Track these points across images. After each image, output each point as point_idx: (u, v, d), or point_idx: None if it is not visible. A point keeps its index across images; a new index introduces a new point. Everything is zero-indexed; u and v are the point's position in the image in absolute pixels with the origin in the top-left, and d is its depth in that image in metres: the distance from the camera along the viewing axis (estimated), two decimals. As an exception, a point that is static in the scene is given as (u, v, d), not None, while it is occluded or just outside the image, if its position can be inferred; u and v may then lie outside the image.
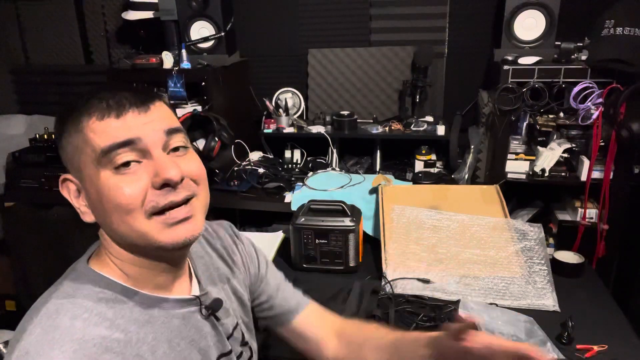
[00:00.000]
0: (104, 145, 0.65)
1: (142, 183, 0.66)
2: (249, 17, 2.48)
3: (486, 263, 1.55)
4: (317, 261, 1.65)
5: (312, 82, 2.47)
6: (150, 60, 2.19)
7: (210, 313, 0.80)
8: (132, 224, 0.67)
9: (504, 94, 1.89)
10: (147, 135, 0.67)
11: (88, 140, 0.67)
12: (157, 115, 0.70)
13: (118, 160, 0.66)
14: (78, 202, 0.72)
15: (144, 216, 0.67)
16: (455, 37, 2.34)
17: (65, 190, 0.73)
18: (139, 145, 0.67)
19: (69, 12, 2.69)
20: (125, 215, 0.67)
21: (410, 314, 1.39)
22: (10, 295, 2.58)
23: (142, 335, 0.70)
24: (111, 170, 0.66)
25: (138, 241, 0.69)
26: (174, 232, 0.69)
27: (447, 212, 1.69)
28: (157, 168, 0.67)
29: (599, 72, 1.80)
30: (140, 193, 0.66)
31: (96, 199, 0.68)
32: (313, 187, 2.08)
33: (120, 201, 0.66)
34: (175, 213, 0.68)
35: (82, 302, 0.68)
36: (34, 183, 2.35)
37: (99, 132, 0.66)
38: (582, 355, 1.22)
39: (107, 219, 0.69)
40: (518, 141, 1.98)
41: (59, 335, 0.63)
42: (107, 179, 0.66)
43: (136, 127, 0.67)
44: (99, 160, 0.66)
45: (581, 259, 1.61)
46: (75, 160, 0.69)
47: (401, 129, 2.24)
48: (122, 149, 0.66)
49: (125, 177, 0.66)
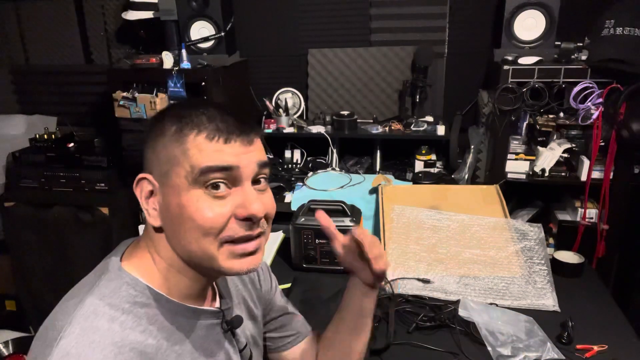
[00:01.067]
0: (204, 165, 0.67)
1: (226, 210, 0.68)
2: (249, 17, 2.48)
3: (486, 263, 1.55)
4: (317, 261, 1.65)
5: (312, 82, 2.47)
6: (150, 60, 2.19)
7: (230, 328, 0.81)
8: (205, 246, 0.69)
9: (504, 94, 1.89)
10: (245, 165, 0.69)
11: (190, 155, 0.67)
12: (257, 147, 0.72)
13: (211, 181, 0.67)
14: (148, 204, 0.72)
15: (217, 242, 0.69)
16: (455, 37, 2.34)
17: (138, 188, 0.72)
18: (236, 173, 0.69)
19: (69, 12, 2.69)
20: (202, 236, 0.68)
21: (410, 314, 1.39)
22: (10, 295, 2.58)
23: (172, 343, 0.71)
24: (202, 189, 0.67)
25: (202, 261, 0.71)
26: (239, 262, 0.71)
27: (447, 212, 1.69)
28: (245, 200, 0.69)
29: (599, 72, 1.80)
30: (223, 219, 0.68)
31: (176, 211, 0.68)
32: (313, 187, 2.08)
33: (202, 223, 0.67)
34: (246, 246, 0.71)
35: (119, 305, 0.68)
36: (34, 183, 2.35)
37: (204, 151, 0.67)
38: (582, 355, 1.22)
39: (180, 232, 0.69)
40: (518, 141, 1.98)
41: (98, 338, 0.64)
42: (196, 198, 0.67)
43: (238, 155, 0.69)
44: (195, 178, 0.67)
45: (581, 259, 1.61)
46: (165, 167, 0.69)
47: (401, 129, 2.24)
48: (219, 172, 0.67)
49: (214, 201, 0.68)
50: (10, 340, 2.25)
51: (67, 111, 2.82)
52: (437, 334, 1.32)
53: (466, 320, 1.29)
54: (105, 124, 2.56)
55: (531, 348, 1.20)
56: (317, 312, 1.39)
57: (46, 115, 2.78)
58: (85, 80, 2.78)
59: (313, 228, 1.62)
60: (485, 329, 1.24)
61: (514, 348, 1.19)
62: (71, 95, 2.82)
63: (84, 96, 2.80)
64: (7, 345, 2.24)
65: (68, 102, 2.82)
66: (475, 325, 1.25)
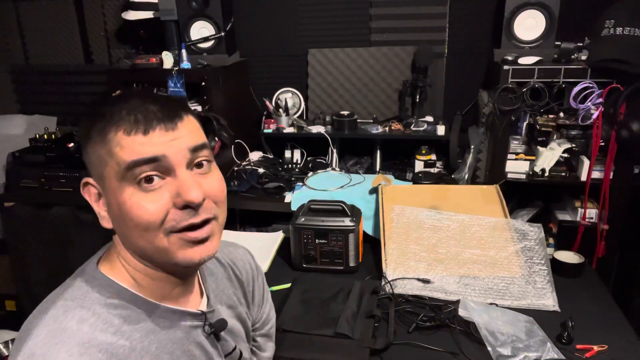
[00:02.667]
0: (129, 160, 0.65)
1: (163, 201, 0.67)
2: (249, 17, 2.48)
3: (486, 263, 1.55)
4: (317, 261, 1.65)
5: (312, 82, 2.47)
6: (150, 60, 2.19)
7: (213, 332, 0.80)
8: (151, 240, 0.68)
9: (504, 94, 1.89)
10: (172, 153, 0.67)
11: (113, 154, 0.66)
12: (184, 131, 0.69)
13: (141, 176, 0.66)
14: (98, 207, 0.72)
15: (163, 234, 0.67)
16: (455, 37, 2.34)
17: (86, 193, 0.73)
18: (163, 162, 0.66)
19: (69, 12, 2.69)
20: (144, 232, 0.67)
21: (410, 314, 1.39)
22: (10, 295, 2.58)
23: (147, 344, 0.70)
24: (134, 186, 0.66)
25: (155, 256, 0.70)
26: (191, 251, 0.69)
27: (447, 212, 1.69)
28: (180, 188, 0.67)
29: (599, 72, 1.80)
30: (161, 212, 0.66)
31: (117, 211, 0.68)
32: (313, 187, 2.08)
33: (141, 219, 0.66)
34: (194, 234, 0.69)
35: (90, 306, 0.68)
36: (34, 183, 2.35)
37: (125, 147, 0.66)
38: (582, 355, 1.22)
39: (126, 231, 0.69)
40: (518, 141, 1.98)
41: (66, 338, 0.64)
42: (129, 196, 0.66)
43: (162, 144, 0.66)
44: (123, 175, 0.66)
45: (581, 259, 1.61)
46: (98, 169, 0.69)
47: (401, 129, 2.24)
48: (146, 165, 0.66)
49: (147, 195, 0.66)
50: (10, 340, 2.25)
51: (67, 111, 2.82)
52: (437, 334, 1.32)
53: (466, 320, 1.29)
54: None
55: (531, 348, 1.20)
56: (317, 312, 1.39)
57: (46, 115, 2.79)
58: (85, 80, 2.78)
59: (313, 228, 1.62)
60: (485, 329, 1.24)
61: (514, 348, 1.19)
62: (71, 95, 2.82)
63: (84, 96, 2.80)
64: (7, 345, 2.24)
65: (68, 102, 2.83)
66: (475, 325, 1.25)
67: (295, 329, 1.31)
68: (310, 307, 1.42)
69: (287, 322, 1.34)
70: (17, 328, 2.36)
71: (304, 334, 1.30)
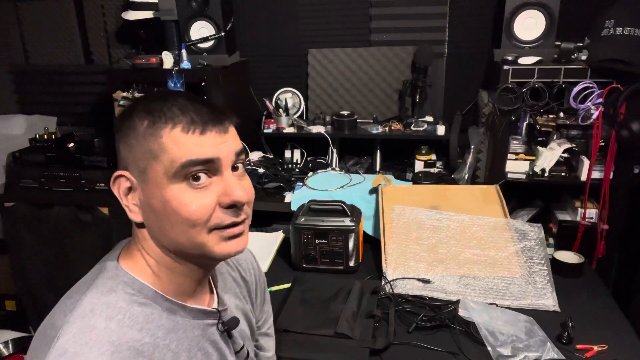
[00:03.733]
0: (185, 160, 0.67)
1: (210, 200, 0.69)
2: (249, 17, 2.48)
3: (486, 263, 1.55)
4: (317, 261, 1.65)
5: (312, 82, 2.47)
6: (150, 60, 2.19)
7: (226, 329, 0.82)
8: (194, 236, 0.69)
9: (504, 94, 1.89)
10: (223, 155, 0.70)
11: (167, 149, 0.67)
12: (232, 135, 0.72)
13: (192, 174, 0.68)
14: (127, 200, 0.72)
15: (206, 231, 0.70)
16: (455, 37, 2.34)
17: (116, 186, 0.72)
18: (216, 164, 0.69)
19: (69, 12, 2.69)
20: (190, 228, 0.69)
21: (410, 314, 1.39)
22: (10, 295, 2.58)
23: (168, 341, 0.71)
24: (183, 183, 0.68)
25: (192, 250, 0.71)
26: (227, 245, 0.72)
27: (447, 212, 1.69)
28: (227, 188, 0.70)
29: (599, 72, 1.80)
30: (208, 210, 0.69)
31: (159, 206, 0.69)
32: (313, 187, 2.08)
33: (189, 216, 0.68)
34: (233, 230, 0.72)
35: (116, 303, 0.68)
36: (34, 183, 2.35)
37: (181, 145, 0.67)
38: (582, 355, 1.22)
39: (166, 227, 0.70)
40: (518, 141, 1.98)
41: (95, 336, 0.64)
42: (178, 192, 0.67)
43: (215, 146, 0.69)
44: (175, 172, 0.67)
45: (581, 259, 1.61)
46: (142, 163, 0.69)
47: (401, 129, 2.24)
48: (201, 165, 0.68)
49: (197, 193, 0.68)
50: (10, 340, 2.25)
51: (67, 111, 2.82)
52: (437, 334, 1.32)
53: (466, 320, 1.29)
54: (105, 124, 2.56)
55: (531, 348, 1.20)
56: (317, 312, 1.40)
57: (46, 115, 2.78)
58: (85, 80, 2.78)
59: (313, 228, 1.62)
60: (485, 329, 1.24)
61: (514, 348, 1.19)
62: (71, 95, 2.82)
63: (84, 96, 2.80)
64: (7, 345, 2.24)
65: (68, 102, 2.82)
66: (475, 325, 1.25)
67: (295, 329, 1.31)
68: (310, 307, 1.42)
69: (287, 322, 1.34)
70: (17, 328, 2.36)
71: (304, 334, 1.30)
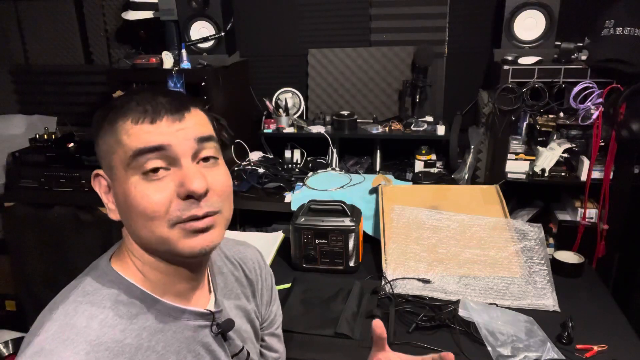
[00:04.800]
0: (135, 148, 0.66)
1: (167, 192, 0.67)
2: (249, 17, 2.48)
3: (486, 263, 1.55)
4: (317, 261, 1.65)
5: (312, 82, 2.47)
6: (150, 60, 2.19)
7: (220, 332, 0.80)
8: (154, 230, 0.68)
9: (504, 94, 1.89)
10: (177, 142, 0.68)
11: (121, 142, 0.68)
12: (191, 123, 0.70)
13: (147, 166, 0.66)
14: (107, 199, 0.73)
15: (167, 225, 0.68)
16: (455, 37, 2.34)
17: (97, 184, 0.74)
18: (169, 152, 0.67)
19: (69, 12, 2.69)
20: (148, 221, 0.68)
21: (410, 314, 1.39)
22: (10, 295, 2.58)
23: (153, 343, 0.70)
24: (139, 175, 0.67)
25: (158, 246, 0.70)
26: (191, 241, 0.69)
27: (447, 212, 1.69)
28: (183, 178, 0.67)
29: (599, 72, 1.80)
30: (165, 202, 0.67)
31: (122, 201, 0.69)
32: (313, 187, 2.08)
33: (145, 208, 0.67)
34: (196, 224, 0.69)
35: (100, 302, 0.68)
36: (34, 183, 2.35)
37: (132, 135, 0.67)
38: (582, 355, 1.22)
39: (131, 222, 0.70)
40: (518, 141, 1.98)
41: (74, 335, 0.64)
42: (134, 185, 0.67)
43: (168, 133, 0.67)
44: (129, 164, 0.67)
45: (581, 259, 1.61)
46: (107, 159, 0.70)
47: (401, 129, 2.24)
48: (151, 154, 0.66)
49: (152, 184, 0.67)
50: (10, 340, 2.26)
51: (67, 111, 2.82)
52: (437, 334, 1.32)
53: (466, 320, 1.29)
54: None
55: (531, 348, 1.20)
56: (317, 312, 1.40)
57: (46, 115, 2.78)
58: (85, 80, 2.78)
59: (313, 228, 1.62)
60: (485, 329, 1.24)
61: (514, 348, 1.19)
62: (71, 95, 2.82)
63: (84, 96, 2.80)
64: (7, 345, 2.24)
65: (68, 102, 2.82)
66: (475, 325, 1.25)
67: (295, 329, 1.31)
68: (310, 307, 1.42)
69: (287, 322, 1.33)
70: (17, 328, 2.36)
71: (304, 334, 1.30)
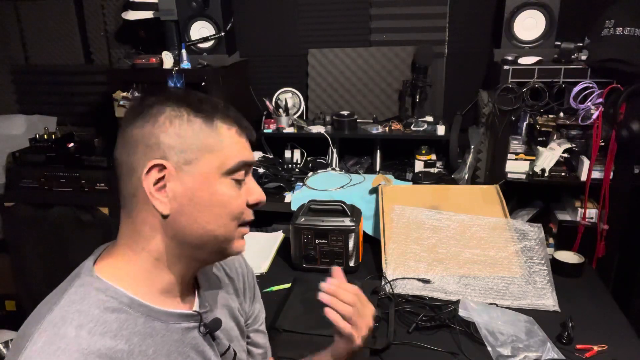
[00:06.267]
0: (240, 160, 0.75)
1: (244, 197, 0.77)
2: (249, 17, 2.48)
3: (486, 263, 1.55)
4: (317, 261, 1.65)
5: (312, 82, 2.47)
6: (150, 60, 2.19)
7: (208, 331, 0.80)
8: (230, 229, 0.76)
9: (504, 94, 1.89)
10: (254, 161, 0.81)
11: (224, 147, 0.73)
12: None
13: (240, 176, 0.76)
14: (159, 192, 0.70)
15: (236, 225, 0.77)
16: (455, 37, 2.34)
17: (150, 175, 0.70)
18: (250, 167, 0.79)
19: (69, 12, 2.69)
20: (231, 220, 0.75)
21: (410, 314, 1.39)
22: (10, 295, 2.58)
23: (144, 347, 0.70)
24: (230, 179, 0.75)
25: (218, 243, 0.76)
26: (240, 243, 0.79)
27: (447, 212, 1.69)
28: (254, 189, 0.79)
29: (599, 72, 1.80)
30: (244, 206, 0.77)
31: (204, 197, 0.72)
32: (313, 187, 2.08)
33: (233, 209, 0.75)
34: (246, 229, 0.80)
35: (88, 311, 0.67)
36: (34, 183, 2.35)
37: (240, 145, 0.76)
38: (582, 355, 1.22)
39: (205, 218, 0.73)
40: (518, 141, 1.98)
41: (64, 345, 0.63)
42: (228, 187, 0.74)
43: (251, 151, 0.79)
44: (229, 169, 0.74)
45: (581, 259, 1.61)
46: (192, 154, 0.71)
47: (401, 129, 2.24)
48: (249, 167, 0.78)
49: (239, 189, 0.76)
50: (10, 340, 2.25)
51: (67, 111, 2.82)
52: (437, 334, 1.32)
53: (466, 320, 1.29)
54: (105, 124, 2.56)
55: (531, 348, 1.20)
56: (317, 312, 1.39)
57: (46, 115, 2.78)
58: (85, 80, 2.78)
59: (313, 228, 1.62)
60: (485, 329, 1.24)
61: (514, 348, 1.19)
62: (71, 95, 2.82)
63: (84, 96, 2.80)
64: (7, 345, 2.24)
65: (68, 102, 2.82)
66: (475, 325, 1.25)
67: (295, 329, 1.31)
68: (310, 307, 1.42)
69: (287, 322, 1.34)
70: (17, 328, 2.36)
71: (304, 334, 1.30)
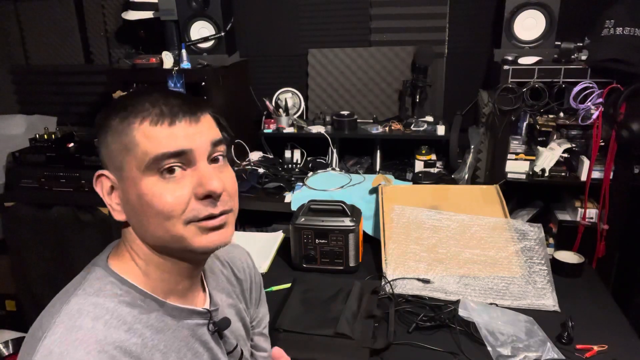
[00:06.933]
0: (157, 153, 0.67)
1: (185, 191, 0.68)
2: (249, 17, 2.48)
3: (486, 263, 1.55)
4: (317, 261, 1.65)
5: (312, 82, 2.47)
6: (150, 60, 2.19)
7: (217, 330, 0.81)
8: (170, 229, 0.69)
9: (504, 94, 1.89)
10: (196, 146, 0.69)
11: (138, 143, 0.68)
12: (206, 126, 0.72)
13: (165, 167, 0.68)
14: (110, 200, 0.73)
15: (182, 223, 0.69)
16: (455, 37, 2.34)
17: (99, 185, 0.73)
18: (189, 155, 0.69)
19: (69, 12, 2.69)
20: (165, 220, 0.68)
21: (410, 314, 1.39)
22: (10, 295, 2.58)
23: (156, 341, 0.71)
24: (156, 175, 0.68)
25: (172, 244, 0.71)
26: (207, 238, 0.71)
27: (447, 212, 1.69)
28: (202, 179, 0.69)
29: (599, 72, 1.80)
30: (183, 202, 0.68)
31: (136, 201, 0.69)
32: (313, 187, 2.08)
33: (162, 208, 0.68)
34: (212, 222, 0.71)
35: (103, 304, 0.68)
36: (34, 183, 2.35)
37: (151, 138, 0.67)
38: (582, 355, 1.22)
39: (144, 221, 0.70)
40: (518, 141, 1.98)
41: (82, 336, 0.64)
42: (152, 185, 0.68)
43: (187, 137, 0.69)
44: (147, 166, 0.67)
45: (581, 259, 1.61)
46: (117, 159, 0.70)
47: (401, 129, 2.24)
48: (172, 158, 0.68)
49: (169, 184, 0.68)
50: (10, 340, 2.26)
51: (67, 111, 2.82)
52: (437, 334, 1.32)
53: (466, 320, 1.29)
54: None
55: (531, 348, 1.20)
56: (317, 312, 1.40)
57: (46, 115, 2.78)
58: (85, 80, 2.78)
59: (313, 228, 1.62)
60: (485, 329, 1.24)
61: (514, 348, 1.19)
62: (71, 95, 2.82)
63: (84, 96, 2.80)
64: (7, 345, 2.24)
65: (68, 102, 2.82)
66: (475, 325, 1.25)
67: (295, 329, 1.31)
68: (310, 307, 1.42)
69: (287, 322, 1.34)
70: (17, 328, 2.35)
71: (304, 334, 1.30)
